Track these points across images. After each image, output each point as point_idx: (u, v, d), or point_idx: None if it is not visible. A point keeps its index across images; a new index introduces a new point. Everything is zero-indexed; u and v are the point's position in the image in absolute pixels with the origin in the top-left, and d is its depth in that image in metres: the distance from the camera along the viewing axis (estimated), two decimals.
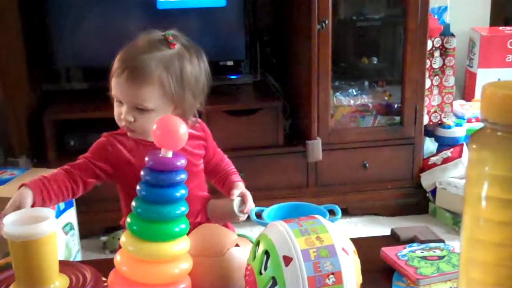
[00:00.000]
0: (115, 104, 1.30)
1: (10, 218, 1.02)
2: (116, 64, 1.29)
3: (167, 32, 1.32)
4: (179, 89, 1.29)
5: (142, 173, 0.96)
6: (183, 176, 0.96)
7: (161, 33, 1.32)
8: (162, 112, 1.29)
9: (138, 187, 0.95)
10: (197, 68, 1.32)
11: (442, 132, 2.91)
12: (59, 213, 2.04)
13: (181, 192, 0.96)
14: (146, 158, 0.96)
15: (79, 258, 2.22)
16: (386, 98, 2.87)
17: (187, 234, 0.99)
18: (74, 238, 2.16)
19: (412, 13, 2.60)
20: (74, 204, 2.15)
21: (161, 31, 1.33)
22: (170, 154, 0.95)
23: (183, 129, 0.95)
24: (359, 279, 0.97)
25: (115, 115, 1.32)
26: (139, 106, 1.26)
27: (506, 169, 0.68)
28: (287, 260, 0.92)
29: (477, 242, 0.72)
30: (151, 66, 1.26)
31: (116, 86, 1.27)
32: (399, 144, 2.74)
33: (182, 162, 0.96)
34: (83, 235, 2.32)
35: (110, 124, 1.33)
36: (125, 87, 1.26)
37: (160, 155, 0.95)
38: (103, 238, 2.46)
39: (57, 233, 1.05)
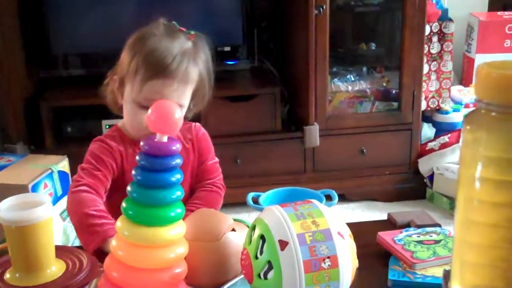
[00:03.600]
0: (136, 110, 1.20)
1: (5, 204, 1.02)
2: (145, 66, 1.18)
3: (174, 23, 1.26)
4: (206, 82, 1.26)
5: (137, 157, 0.95)
6: (178, 160, 0.95)
7: (168, 24, 1.25)
8: (185, 108, 1.24)
9: (133, 172, 0.95)
10: (209, 57, 1.29)
11: (439, 117, 2.91)
12: (56, 200, 2.04)
13: (177, 176, 0.95)
14: (141, 143, 0.95)
15: (76, 244, 2.22)
16: (384, 83, 2.87)
17: (183, 218, 0.99)
18: (71, 224, 2.17)
19: None
20: None
21: (164, 19, 1.26)
22: (165, 139, 0.95)
23: (178, 114, 0.95)
24: (355, 263, 0.97)
25: (133, 122, 1.23)
26: None
27: (500, 150, 0.68)
28: (283, 244, 0.92)
29: (471, 224, 0.72)
30: (191, 63, 1.21)
31: (156, 89, 1.17)
32: (397, 130, 2.74)
33: (177, 146, 0.95)
34: None
35: (107, 111, 1.32)
36: (173, 88, 1.18)
37: (155, 140, 0.95)
38: None
39: (53, 218, 1.05)
